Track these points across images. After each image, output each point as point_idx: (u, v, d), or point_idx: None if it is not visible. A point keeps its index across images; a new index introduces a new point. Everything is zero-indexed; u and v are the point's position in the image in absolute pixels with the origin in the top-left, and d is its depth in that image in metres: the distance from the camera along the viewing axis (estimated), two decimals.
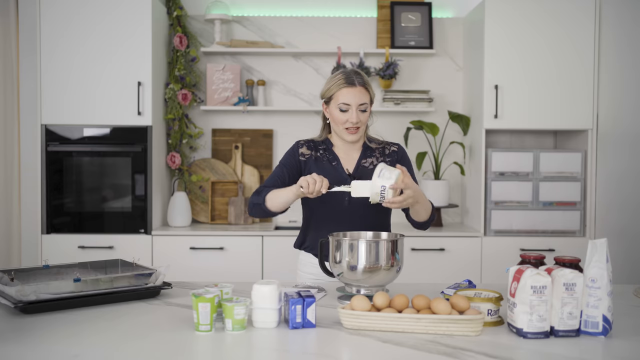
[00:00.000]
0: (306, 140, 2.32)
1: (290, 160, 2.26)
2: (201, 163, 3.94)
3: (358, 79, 2.16)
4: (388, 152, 2.28)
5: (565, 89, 3.58)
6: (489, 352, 1.47)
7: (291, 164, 2.25)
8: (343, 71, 2.19)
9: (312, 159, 2.24)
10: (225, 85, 3.89)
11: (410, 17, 3.93)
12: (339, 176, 2.20)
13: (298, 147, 2.27)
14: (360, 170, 2.23)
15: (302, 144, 2.29)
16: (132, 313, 1.80)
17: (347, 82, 2.15)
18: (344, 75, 2.17)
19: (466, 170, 3.88)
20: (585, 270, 1.62)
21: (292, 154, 2.27)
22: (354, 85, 2.15)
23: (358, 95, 2.14)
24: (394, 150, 2.29)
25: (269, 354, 1.49)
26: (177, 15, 3.84)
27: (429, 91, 3.93)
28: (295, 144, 2.30)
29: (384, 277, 1.87)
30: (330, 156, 2.25)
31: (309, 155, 2.25)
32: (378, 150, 2.28)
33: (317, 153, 2.26)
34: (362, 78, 2.17)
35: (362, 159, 2.25)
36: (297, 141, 2.31)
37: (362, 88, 2.16)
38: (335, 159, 2.25)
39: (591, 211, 3.60)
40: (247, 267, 3.52)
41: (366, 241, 1.86)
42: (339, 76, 2.18)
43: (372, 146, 2.28)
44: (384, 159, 2.25)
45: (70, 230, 3.55)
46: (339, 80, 2.16)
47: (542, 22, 3.57)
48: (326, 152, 2.26)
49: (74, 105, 3.51)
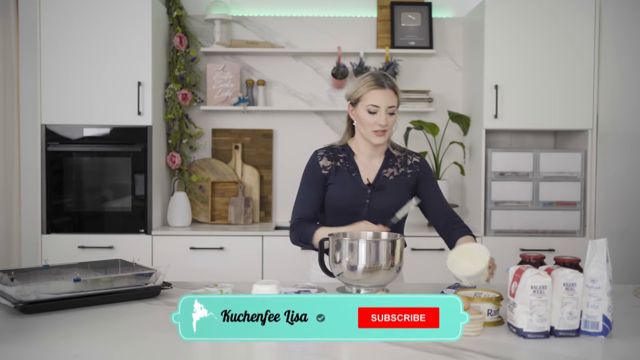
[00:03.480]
0: (325, 149, 2.25)
1: (313, 178, 2.20)
2: (201, 163, 3.94)
3: (387, 82, 2.14)
4: (410, 163, 2.24)
5: (565, 89, 3.58)
6: (489, 352, 1.47)
7: (316, 182, 2.20)
8: (372, 73, 2.17)
9: (334, 170, 2.20)
10: (225, 85, 3.89)
11: (410, 17, 3.93)
12: (357, 187, 2.17)
13: (317, 160, 2.21)
14: (381, 180, 2.19)
15: (322, 155, 2.22)
16: (132, 313, 1.80)
17: (377, 83, 2.12)
18: (374, 77, 2.14)
19: (466, 170, 3.88)
20: (585, 270, 1.62)
21: (313, 171, 2.21)
22: (384, 87, 2.12)
23: (387, 97, 2.12)
24: (416, 161, 2.25)
25: (269, 354, 1.49)
26: (177, 15, 3.84)
27: (429, 91, 3.93)
28: (313, 157, 2.23)
29: (384, 277, 1.87)
30: (350, 166, 2.21)
31: (330, 167, 2.20)
32: (400, 160, 2.24)
33: (338, 162, 2.21)
34: (391, 81, 2.15)
35: (383, 168, 2.22)
36: (316, 152, 2.24)
37: (391, 91, 2.13)
38: (355, 169, 2.20)
39: (591, 211, 3.60)
40: (247, 267, 3.52)
41: (366, 241, 1.86)
42: (368, 78, 2.15)
43: (395, 154, 2.25)
44: (405, 170, 2.22)
45: (70, 230, 3.55)
46: (368, 82, 2.13)
47: (542, 22, 3.57)
48: (346, 161, 2.22)
49: (74, 105, 3.51)
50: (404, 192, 2.20)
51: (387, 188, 2.18)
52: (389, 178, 2.21)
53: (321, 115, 4.02)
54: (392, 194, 2.18)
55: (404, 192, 2.20)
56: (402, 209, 2.11)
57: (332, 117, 4.01)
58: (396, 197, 2.17)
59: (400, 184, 2.20)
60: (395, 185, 2.19)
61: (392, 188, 2.19)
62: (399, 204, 2.16)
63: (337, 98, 4.01)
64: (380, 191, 2.17)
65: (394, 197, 2.17)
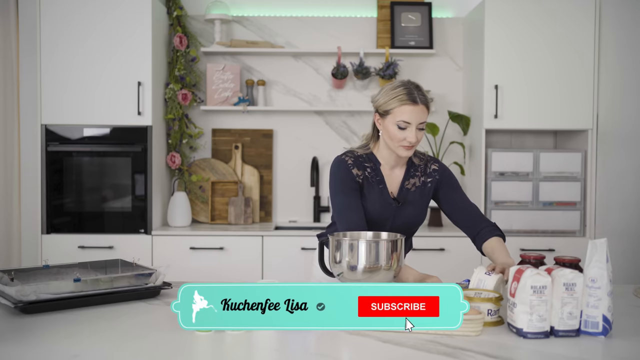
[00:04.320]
0: (350, 157, 2.13)
1: (351, 186, 2.09)
2: (201, 163, 3.94)
3: (421, 97, 2.01)
4: (429, 171, 2.18)
5: (565, 89, 3.58)
6: (489, 352, 1.47)
7: (354, 189, 2.09)
8: (405, 85, 2.03)
9: (365, 180, 2.11)
10: (225, 85, 3.89)
11: (410, 17, 3.93)
12: (385, 201, 2.13)
13: (349, 168, 2.10)
14: (404, 193, 2.15)
15: (351, 164, 2.11)
16: (132, 313, 1.80)
17: (410, 99, 2.00)
18: (407, 91, 2.01)
19: (466, 170, 3.88)
20: (585, 270, 1.62)
21: (349, 179, 2.09)
22: (417, 103, 2.00)
23: (420, 113, 2.01)
24: (435, 169, 2.19)
25: (268, 353, 1.49)
26: (177, 15, 3.84)
27: (429, 91, 3.92)
28: (344, 165, 2.11)
29: (383, 277, 1.87)
30: (378, 178, 2.13)
31: (362, 176, 2.11)
32: (420, 169, 2.18)
33: (366, 172, 2.12)
34: (424, 95, 2.03)
35: (405, 179, 2.16)
36: (344, 161, 2.12)
37: (424, 106, 2.02)
38: (382, 181, 2.13)
39: (591, 211, 3.60)
40: (247, 267, 3.52)
41: (366, 241, 1.86)
42: (401, 90, 2.01)
43: (416, 162, 2.18)
44: (425, 179, 2.17)
45: (70, 230, 3.56)
46: (400, 95, 2.00)
47: (542, 22, 3.57)
48: (373, 171, 2.13)
49: (74, 105, 3.51)
50: (424, 203, 2.18)
51: (411, 201, 2.15)
52: (411, 190, 2.15)
53: (321, 115, 4.02)
54: (415, 207, 2.16)
55: (425, 203, 2.18)
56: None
57: (332, 117, 4.02)
58: (418, 211, 2.16)
59: (422, 196, 2.17)
60: (417, 198, 2.16)
61: (415, 201, 2.16)
62: (419, 217, 2.16)
63: (337, 98, 4.01)
64: (404, 205, 2.14)
65: (415, 210, 2.16)
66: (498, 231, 2.11)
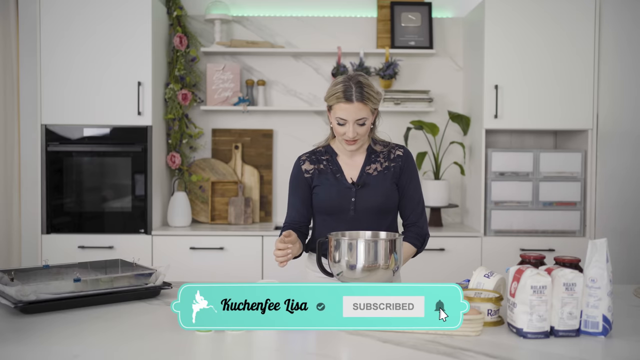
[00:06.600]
0: (307, 153, 2.26)
1: (298, 183, 2.22)
2: (201, 163, 3.94)
3: (357, 94, 2.04)
4: (393, 157, 2.21)
5: (565, 89, 3.58)
6: (489, 352, 1.47)
7: (301, 187, 2.21)
8: (343, 82, 2.07)
9: (316, 173, 2.20)
10: (225, 85, 3.89)
11: (410, 17, 3.93)
12: (342, 187, 2.17)
13: (300, 165, 2.22)
14: (364, 177, 2.18)
15: (304, 159, 2.23)
16: (132, 313, 1.81)
17: (345, 97, 2.04)
18: (344, 88, 2.05)
19: (466, 170, 3.88)
20: (585, 270, 1.62)
21: (297, 176, 2.23)
22: (351, 101, 2.04)
23: (354, 111, 2.05)
24: (399, 154, 2.22)
25: (269, 354, 1.49)
26: (177, 15, 3.84)
27: (429, 91, 3.93)
28: (297, 163, 2.24)
29: (382, 276, 1.87)
30: (333, 167, 2.20)
31: (313, 170, 2.21)
32: (383, 155, 2.21)
33: (321, 165, 2.21)
34: (361, 92, 2.04)
35: (366, 165, 2.20)
36: (299, 157, 2.25)
37: (359, 103, 2.04)
38: (339, 170, 2.19)
39: (591, 211, 3.60)
40: (247, 267, 3.52)
41: (365, 240, 1.86)
42: (339, 87, 2.06)
43: (377, 149, 2.21)
44: (389, 164, 2.19)
45: (70, 230, 3.55)
46: (337, 93, 2.06)
47: (542, 22, 3.57)
48: (329, 162, 2.21)
49: (74, 105, 3.51)
50: (388, 185, 2.18)
51: (372, 184, 2.17)
52: (373, 174, 2.18)
53: (321, 115, 4.01)
54: (377, 189, 2.17)
55: (389, 185, 2.18)
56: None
57: None
58: (381, 192, 2.17)
59: (385, 179, 2.18)
60: (379, 181, 2.17)
61: (376, 183, 2.17)
62: (384, 198, 2.16)
63: None
64: (364, 188, 2.16)
65: (378, 192, 2.17)
66: (417, 241, 2.18)
